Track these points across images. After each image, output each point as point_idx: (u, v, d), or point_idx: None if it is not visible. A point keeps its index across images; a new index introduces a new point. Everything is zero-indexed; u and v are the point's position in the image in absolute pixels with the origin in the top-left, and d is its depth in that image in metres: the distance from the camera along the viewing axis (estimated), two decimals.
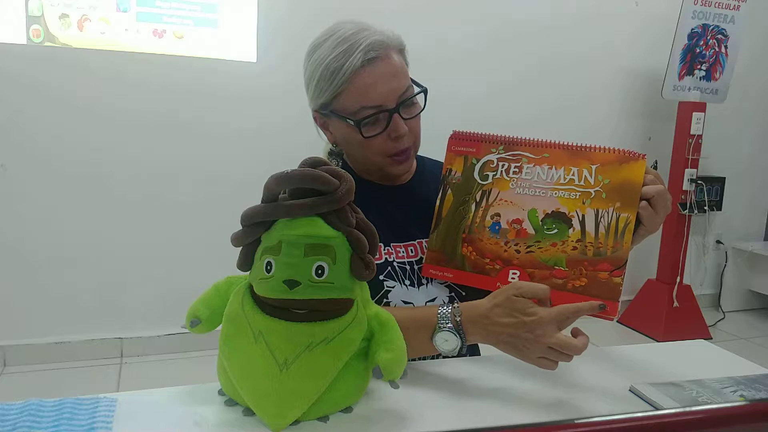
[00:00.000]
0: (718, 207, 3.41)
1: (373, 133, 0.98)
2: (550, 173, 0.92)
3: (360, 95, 0.96)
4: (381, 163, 1.02)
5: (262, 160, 2.36)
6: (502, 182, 0.95)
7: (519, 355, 0.84)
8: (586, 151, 0.90)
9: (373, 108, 0.96)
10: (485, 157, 0.98)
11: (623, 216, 0.86)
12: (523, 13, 3.08)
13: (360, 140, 0.98)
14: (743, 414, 0.38)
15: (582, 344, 0.80)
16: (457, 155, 1.01)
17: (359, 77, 0.95)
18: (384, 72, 0.96)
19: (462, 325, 0.86)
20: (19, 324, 2.53)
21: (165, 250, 2.68)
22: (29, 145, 2.47)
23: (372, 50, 0.95)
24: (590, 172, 0.89)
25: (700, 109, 3.14)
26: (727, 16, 3.16)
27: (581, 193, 0.89)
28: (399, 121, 0.98)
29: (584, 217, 0.89)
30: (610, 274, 0.86)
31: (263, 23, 2.66)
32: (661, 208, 0.87)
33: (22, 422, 0.68)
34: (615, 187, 0.87)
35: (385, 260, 1.03)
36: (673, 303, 3.21)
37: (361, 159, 1.06)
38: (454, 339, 0.86)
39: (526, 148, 0.95)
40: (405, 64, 1.02)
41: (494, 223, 0.95)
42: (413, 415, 0.76)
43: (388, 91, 0.96)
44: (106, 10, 2.47)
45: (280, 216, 0.71)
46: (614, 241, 0.86)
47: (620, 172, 0.87)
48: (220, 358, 0.75)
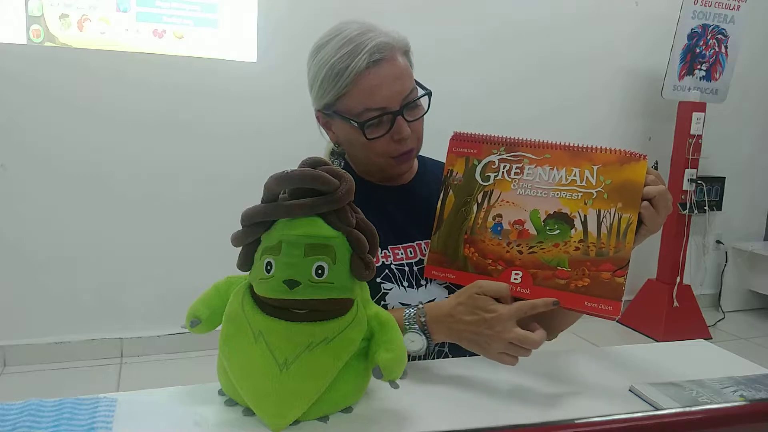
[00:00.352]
0: (718, 207, 3.41)
1: (376, 135, 0.98)
2: (552, 174, 0.92)
3: (364, 97, 0.96)
4: (383, 164, 1.02)
5: (262, 160, 2.36)
6: (503, 183, 0.95)
7: (481, 351, 0.87)
8: (587, 152, 0.91)
9: (377, 110, 0.96)
10: (487, 158, 0.98)
11: (625, 216, 0.86)
12: (523, 13, 3.08)
13: (363, 142, 0.98)
14: (743, 414, 0.38)
15: (539, 338, 0.83)
16: (459, 156, 1.00)
17: (364, 79, 0.95)
18: (389, 74, 0.96)
19: (427, 325, 0.89)
20: (19, 324, 2.53)
21: (165, 250, 2.68)
22: (29, 145, 2.47)
23: (377, 52, 0.95)
24: (592, 172, 0.89)
25: (700, 109, 3.14)
26: (727, 16, 3.16)
27: (583, 194, 0.89)
28: (403, 124, 0.97)
29: (586, 218, 0.89)
30: (613, 274, 0.86)
31: (263, 23, 2.66)
32: (662, 208, 0.87)
33: (22, 422, 0.68)
34: (616, 188, 0.87)
35: (382, 263, 1.03)
36: (673, 303, 3.21)
37: (363, 160, 1.06)
38: (419, 339, 0.88)
39: (528, 149, 0.95)
40: (410, 65, 1.01)
41: (496, 224, 0.95)
42: (413, 415, 0.76)
43: (393, 94, 0.96)
44: (106, 10, 2.47)
45: (280, 216, 0.71)
46: (616, 242, 0.86)
47: (622, 173, 0.87)
48: (220, 358, 0.75)
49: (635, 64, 3.35)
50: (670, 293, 3.21)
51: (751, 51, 3.48)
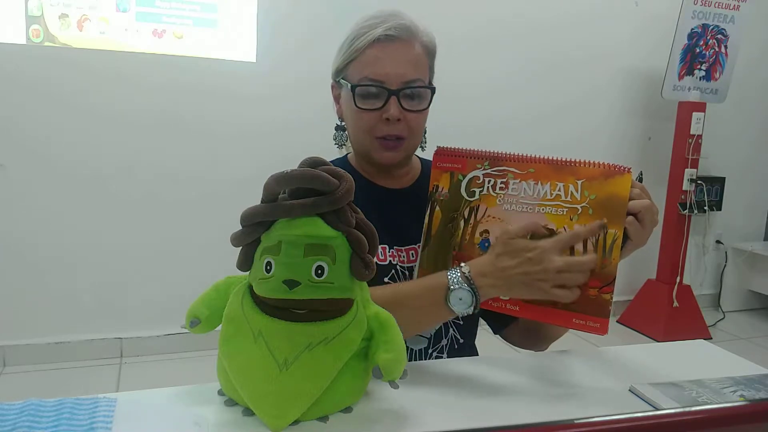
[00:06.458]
0: (718, 207, 3.41)
1: (366, 106, 0.98)
2: (537, 188, 0.91)
3: (366, 66, 0.98)
4: (369, 144, 1.02)
5: (262, 160, 2.35)
6: (489, 198, 0.94)
7: (536, 292, 0.85)
8: (571, 166, 0.89)
9: (373, 82, 0.97)
10: (471, 173, 0.96)
11: (611, 232, 0.85)
12: (523, 13, 3.08)
13: (353, 111, 1.00)
14: (743, 414, 0.38)
15: (589, 258, 0.83)
16: (443, 171, 0.99)
17: (372, 49, 0.97)
18: (398, 53, 0.98)
19: (473, 279, 0.86)
20: (19, 324, 2.53)
21: (165, 250, 2.68)
22: (29, 145, 2.47)
23: (396, 29, 0.97)
24: (576, 187, 0.88)
25: (699, 109, 3.14)
26: (727, 16, 3.16)
27: (568, 210, 0.88)
28: (394, 104, 0.98)
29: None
30: (599, 290, 0.85)
31: (263, 23, 2.66)
32: (648, 223, 0.86)
33: (22, 422, 0.68)
34: (601, 203, 0.86)
35: (389, 263, 1.02)
36: (673, 303, 3.21)
37: (353, 137, 1.06)
38: (468, 296, 0.86)
39: (511, 163, 0.93)
40: (426, 61, 1.02)
41: (483, 239, 0.94)
42: (413, 415, 0.76)
43: (395, 73, 0.97)
44: (106, 10, 2.47)
45: (280, 216, 0.71)
46: (602, 258, 0.85)
47: (606, 187, 0.86)
48: (219, 358, 0.75)
49: (635, 64, 3.35)
50: (670, 293, 3.21)
51: (751, 51, 3.48)
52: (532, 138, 2.73)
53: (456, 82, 2.91)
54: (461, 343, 1.09)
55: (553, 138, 2.91)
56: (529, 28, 3.10)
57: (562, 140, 2.92)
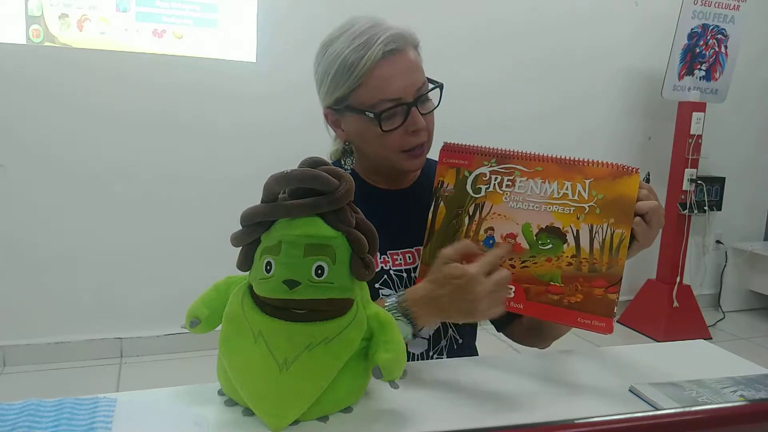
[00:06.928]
0: (718, 207, 3.41)
1: (391, 127, 0.97)
2: (544, 187, 0.90)
3: (380, 87, 0.95)
4: (394, 159, 1.01)
5: (261, 160, 2.35)
6: (495, 196, 0.94)
7: (471, 317, 0.85)
8: (579, 165, 0.89)
9: (392, 101, 0.95)
10: (477, 169, 0.96)
11: (618, 232, 0.85)
12: (523, 12, 3.08)
13: (377, 134, 0.97)
14: (743, 414, 0.38)
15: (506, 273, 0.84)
16: (449, 167, 0.98)
17: (379, 69, 0.94)
18: (403, 65, 0.96)
19: (409, 309, 0.87)
20: (19, 324, 2.53)
21: (165, 250, 2.68)
22: (29, 145, 2.47)
23: (392, 42, 0.94)
24: (584, 186, 0.88)
25: (699, 109, 3.14)
26: (727, 16, 3.16)
27: (575, 208, 0.88)
28: (417, 115, 0.97)
29: (578, 233, 0.88)
30: (606, 290, 0.85)
31: (263, 23, 2.66)
32: (655, 224, 0.86)
33: (22, 422, 0.68)
34: (609, 203, 0.86)
35: (381, 269, 1.02)
36: (673, 303, 3.21)
37: (374, 155, 1.03)
38: (404, 326, 0.86)
39: (519, 161, 0.93)
40: (420, 57, 1.01)
41: (488, 237, 0.93)
42: (413, 415, 0.76)
43: (408, 85, 0.96)
44: (106, 10, 2.47)
45: (280, 216, 0.71)
46: (609, 258, 0.85)
47: (614, 187, 0.86)
48: (219, 358, 0.75)
49: (635, 64, 3.35)
50: (670, 293, 3.21)
51: (751, 51, 3.48)
52: (532, 138, 2.72)
53: (456, 82, 2.90)
54: (460, 344, 1.09)
55: (553, 138, 2.91)
56: (529, 28, 3.10)
57: (562, 140, 2.92)
